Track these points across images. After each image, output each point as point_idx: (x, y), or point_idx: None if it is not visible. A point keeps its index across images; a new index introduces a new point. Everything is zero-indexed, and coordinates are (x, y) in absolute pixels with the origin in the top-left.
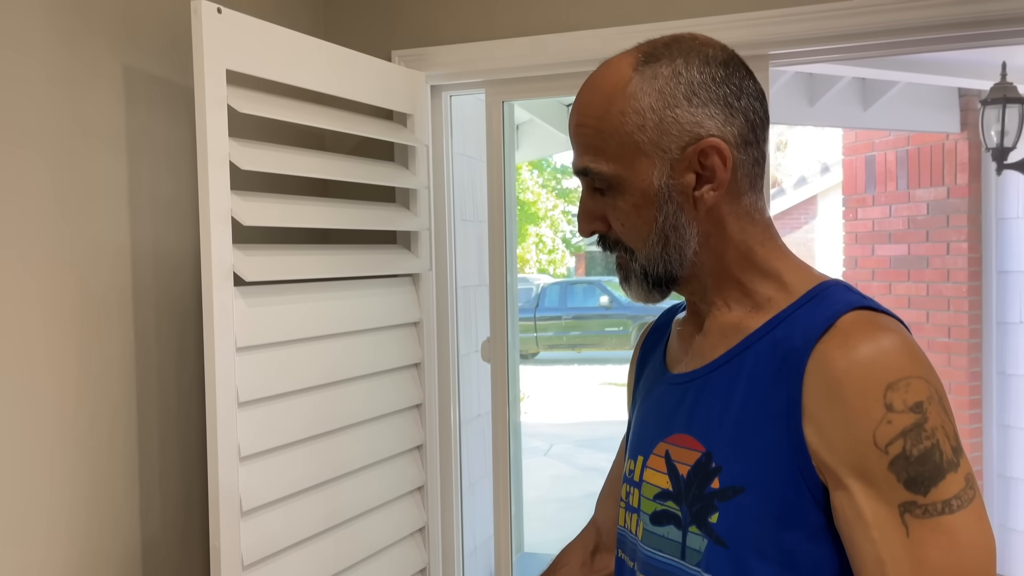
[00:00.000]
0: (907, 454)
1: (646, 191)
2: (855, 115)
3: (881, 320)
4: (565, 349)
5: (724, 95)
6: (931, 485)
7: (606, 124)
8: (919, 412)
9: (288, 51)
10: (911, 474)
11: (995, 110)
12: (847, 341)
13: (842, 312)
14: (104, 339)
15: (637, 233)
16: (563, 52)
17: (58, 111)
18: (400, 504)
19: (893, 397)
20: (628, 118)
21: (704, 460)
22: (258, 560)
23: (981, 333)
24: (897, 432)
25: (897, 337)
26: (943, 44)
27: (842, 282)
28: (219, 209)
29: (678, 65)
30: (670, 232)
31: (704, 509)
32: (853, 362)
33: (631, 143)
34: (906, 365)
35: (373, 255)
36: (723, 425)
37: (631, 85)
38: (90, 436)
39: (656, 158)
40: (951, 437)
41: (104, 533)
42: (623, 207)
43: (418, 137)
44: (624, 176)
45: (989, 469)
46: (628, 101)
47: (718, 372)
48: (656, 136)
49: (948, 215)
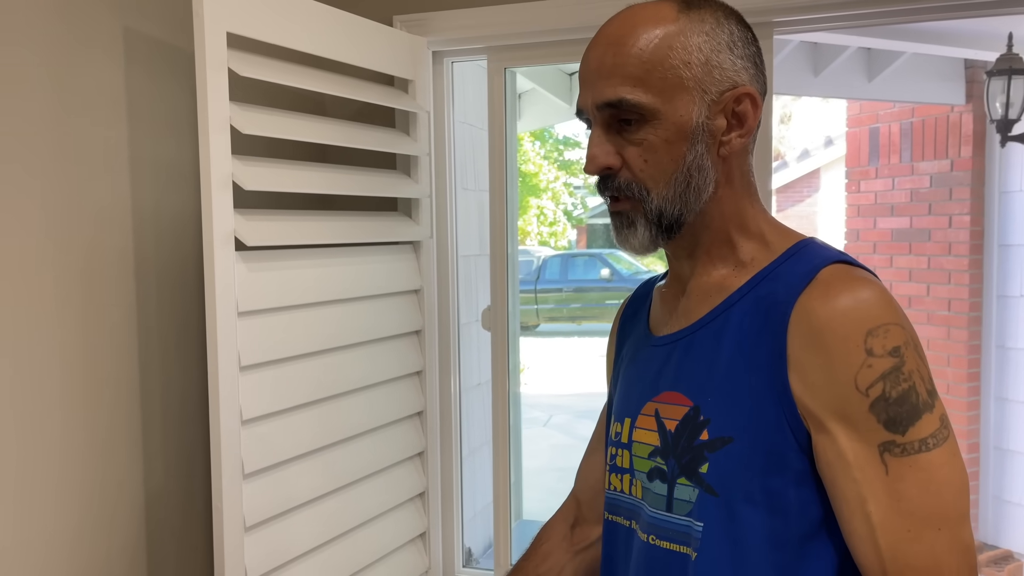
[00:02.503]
0: (887, 396)
1: (682, 126)
2: (860, 86)
3: (858, 272)
4: (566, 321)
5: (753, 53)
6: (909, 425)
7: (651, 55)
8: (897, 356)
9: (289, 15)
10: (890, 415)
11: (1000, 81)
12: (828, 292)
13: (822, 266)
14: (105, 304)
15: (662, 170)
16: (566, 18)
17: (57, 74)
18: (400, 469)
19: (873, 342)
20: (676, 53)
21: (692, 414)
22: (260, 521)
23: (981, 306)
24: (877, 375)
25: (874, 287)
26: (949, 13)
27: (818, 239)
28: (220, 173)
29: (719, 16)
30: (695, 172)
31: (694, 460)
32: (834, 311)
33: (675, 77)
34: (884, 313)
35: (374, 222)
36: (710, 379)
37: (679, 23)
38: (92, 400)
39: (696, 96)
40: (926, 380)
41: (107, 496)
42: (653, 141)
43: (419, 103)
44: (661, 109)
45: (986, 441)
46: (677, 37)
47: (703, 330)
48: (701, 75)
49: (951, 188)
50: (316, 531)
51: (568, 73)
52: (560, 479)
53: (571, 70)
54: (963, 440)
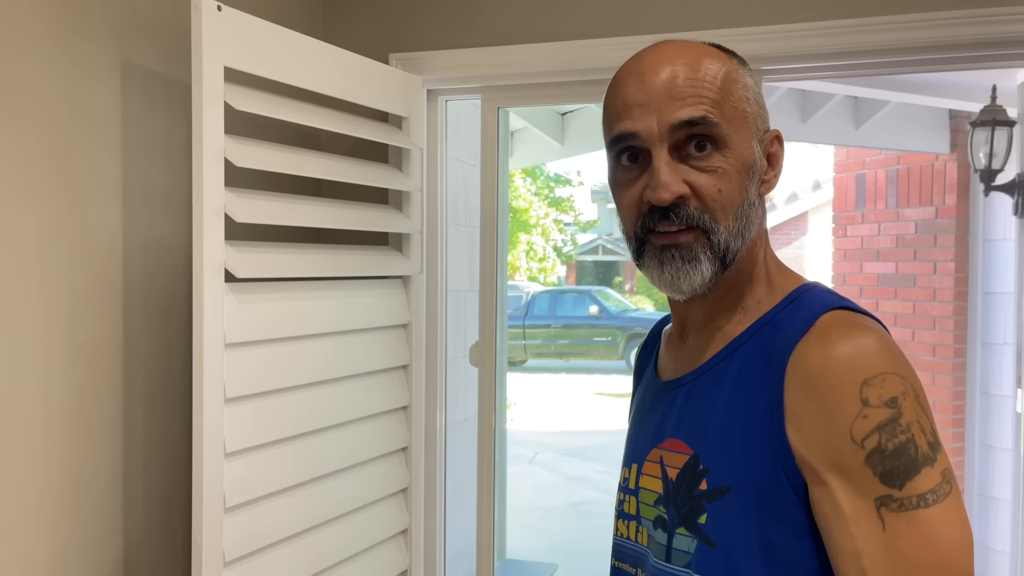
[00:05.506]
0: (882, 448)
1: (746, 160)
2: (846, 133)
3: (858, 319)
4: (553, 357)
5: (764, 103)
6: (906, 479)
7: (722, 84)
8: (894, 407)
9: (286, 51)
10: (886, 468)
11: (984, 132)
12: (824, 340)
13: (821, 312)
14: (93, 331)
15: (731, 202)
16: (559, 61)
17: (55, 103)
18: (384, 505)
19: (868, 392)
20: (739, 87)
21: (692, 463)
22: (240, 557)
23: (966, 353)
24: (872, 426)
25: (874, 335)
26: (934, 65)
27: (821, 284)
28: (213, 205)
29: (746, 67)
30: (751, 208)
31: (693, 511)
32: (830, 359)
33: (741, 110)
34: (881, 361)
35: (364, 256)
36: (710, 428)
37: (732, 63)
38: (76, 427)
39: (753, 132)
40: (927, 432)
41: (87, 525)
42: (727, 169)
43: (413, 140)
44: (733, 138)
45: (971, 489)
46: (737, 71)
47: (705, 376)
48: (756, 111)
49: (936, 235)
50: (297, 568)
51: (560, 113)
52: (544, 518)
53: (563, 110)
54: None
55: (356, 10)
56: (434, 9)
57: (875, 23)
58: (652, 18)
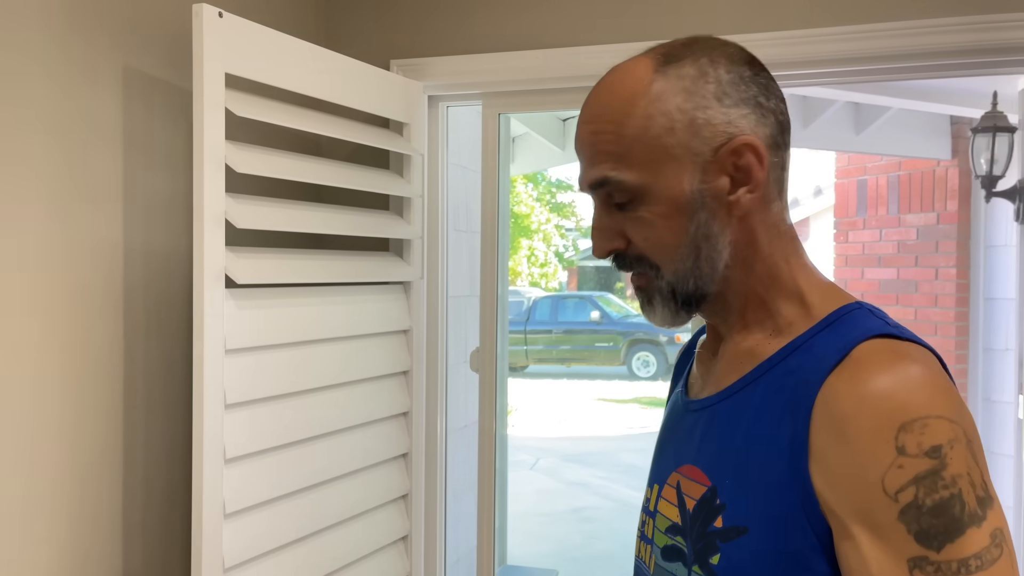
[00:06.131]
0: (919, 503)
1: (676, 199)
2: (848, 139)
3: (902, 349)
4: (555, 363)
5: (753, 94)
6: (946, 540)
7: (629, 129)
8: (936, 457)
9: (287, 57)
10: (923, 526)
11: (985, 138)
12: (858, 374)
13: (859, 340)
14: (93, 336)
15: (664, 247)
16: (561, 67)
17: (57, 109)
18: (384, 511)
19: (906, 439)
20: (654, 121)
21: (709, 495)
22: (240, 563)
23: (968, 359)
24: (909, 478)
25: (918, 369)
26: (935, 72)
27: (867, 305)
28: (213, 211)
29: (703, 64)
30: (702, 242)
31: (706, 548)
32: (863, 398)
33: (659, 147)
34: (924, 402)
35: (365, 262)
36: (729, 459)
37: (655, 86)
38: (75, 433)
39: (687, 162)
40: (977, 486)
41: (85, 531)
42: (648, 218)
43: (414, 146)
44: (650, 184)
45: None
46: (653, 103)
47: (729, 401)
48: (687, 138)
49: (937, 241)
50: (297, 573)
51: (562, 119)
52: (545, 524)
53: (564, 116)
54: None
55: (357, 16)
56: (435, 15)
57: (876, 29)
58: (653, 24)
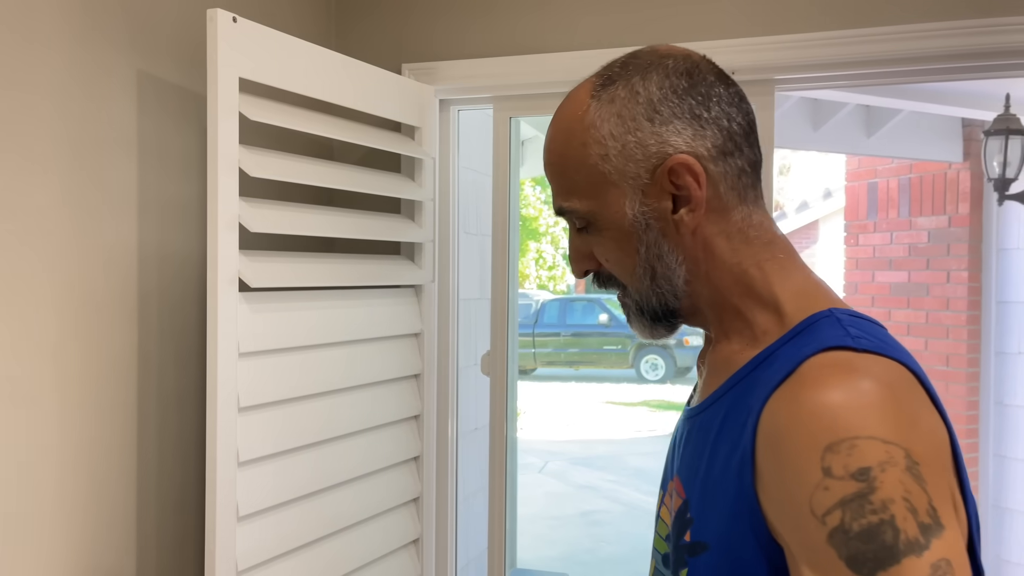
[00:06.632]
0: (846, 528)
1: (621, 223)
2: (859, 141)
3: (852, 363)
4: (563, 366)
5: (690, 107)
6: (878, 568)
7: (570, 160)
8: (864, 480)
9: (300, 61)
10: (852, 551)
11: (998, 141)
12: (797, 390)
13: (810, 354)
14: (107, 340)
15: (623, 267)
16: (571, 70)
17: (72, 114)
18: (396, 515)
19: (832, 460)
20: (590, 149)
21: (683, 509)
22: (253, 566)
23: (979, 363)
24: (835, 501)
25: (864, 385)
26: (947, 75)
27: (838, 312)
28: (227, 215)
29: (635, 84)
30: (655, 262)
31: (679, 561)
32: (795, 416)
33: (597, 175)
34: (857, 422)
35: (377, 265)
36: (698, 474)
37: (588, 114)
38: (89, 435)
39: (626, 187)
40: (920, 513)
41: (99, 533)
42: (603, 242)
43: (425, 150)
44: (598, 210)
45: (985, 499)
46: (587, 131)
47: (706, 413)
48: (621, 163)
49: (949, 244)
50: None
51: None
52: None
53: None
54: None
55: (369, 21)
56: (446, 19)
57: (887, 33)
58: (665, 28)
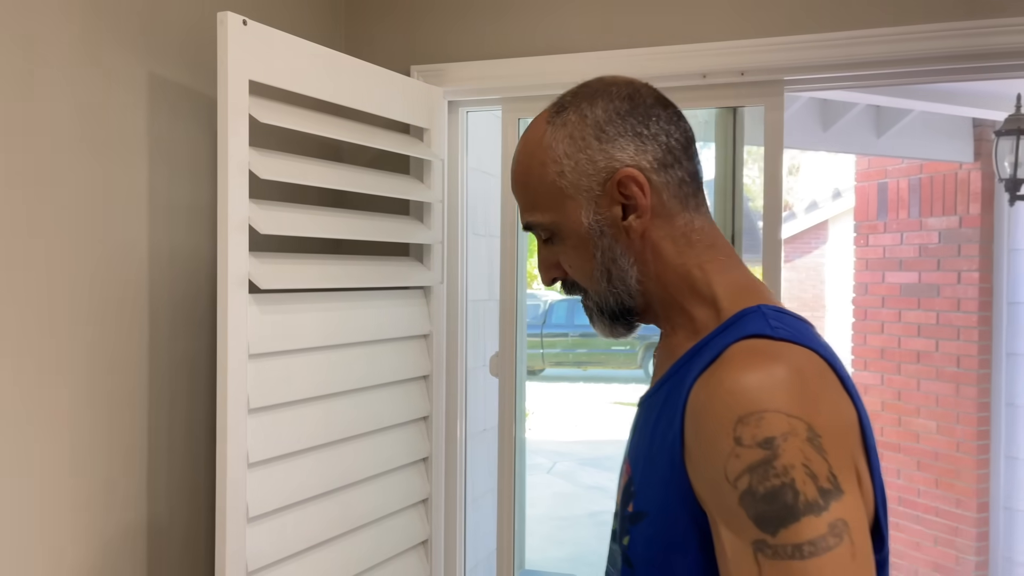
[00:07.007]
0: (753, 490)
1: (578, 231)
2: (868, 142)
3: (768, 349)
4: (571, 367)
5: (632, 126)
6: (780, 526)
7: (532, 179)
8: (768, 448)
9: (310, 64)
10: (759, 511)
11: (1009, 141)
12: (717, 372)
13: (733, 341)
14: (118, 341)
15: (583, 272)
16: (579, 72)
17: (84, 116)
18: (405, 516)
19: (742, 431)
20: (548, 168)
21: (628, 483)
22: (262, 567)
23: (991, 363)
24: (744, 467)
25: (775, 368)
26: (958, 75)
27: (765, 308)
28: (237, 217)
29: (583, 109)
30: (610, 265)
31: (622, 531)
32: (713, 393)
33: (556, 190)
34: (765, 398)
35: (386, 267)
36: (642, 451)
37: (545, 137)
38: (99, 435)
39: (581, 199)
40: (820, 478)
41: (109, 532)
42: (565, 250)
43: (434, 151)
44: (558, 222)
45: (996, 501)
46: (545, 152)
47: (652, 398)
48: (575, 178)
49: (959, 244)
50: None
51: None
52: (562, 527)
53: None
54: (972, 499)
55: (378, 23)
56: (455, 21)
57: (897, 33)
58: (673, 29)
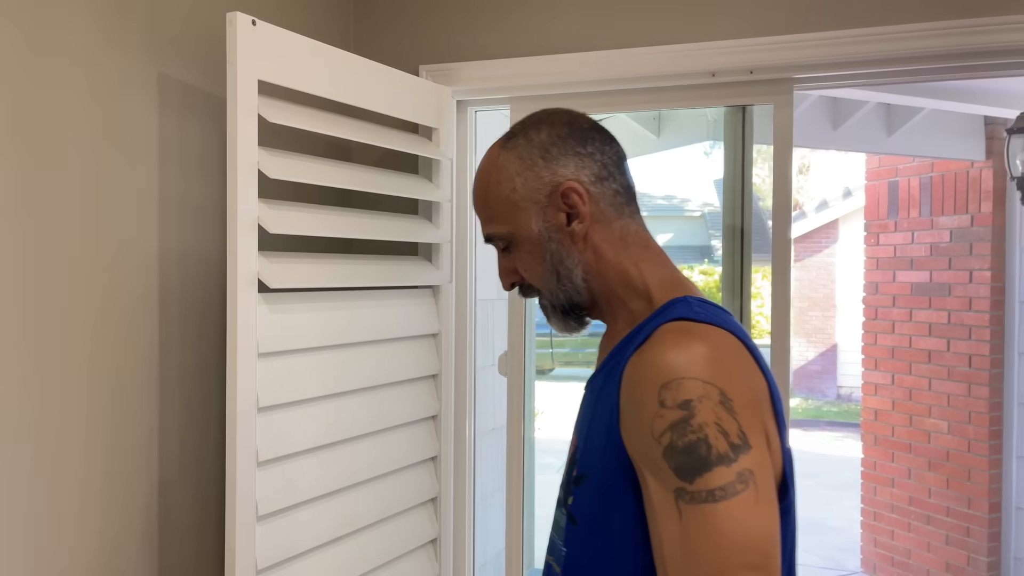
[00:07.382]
0: (674, 444)
1: (531, 238)
2: (879, 140)
3: (691, 330)
4: (581, 366)
5: (571, 146)
6: (696, 475)
7: (490, 195)
8: (686, 409)
9: (319, 63)
10: (679, 463)
11: (1021, 139)
12: (647, 348)
13: (661, 324)
14: (128, 340)
15: (537, 274)
16: (588, 71)
17: (93, 116)
18: (413, 515)
19: (665, 395)
20: (503, 185)
21: (573, 453)
22: (272, 565)
23: (1003, 363)
24: (666, 425)
25: (695, 345)
26: (969, 72)
27: (692, 298)
28: (246, 216)
29: (530, 134)
30: (559, 266)
31: (567, 493)
32: (642, 365)
33: (510, 204)
34: (684, 367)
35: (395, 266)
36: (585, 424)
37: (500, 159)
38: (111, 434)
39: (531, 210)
40: (731, 435)
41: (120, 532)
42: (521, 255)
43: (443, 151)
44: (514, 231)
45: (1008, 501)
46: (500, 172)
47: (595, 379)
48: (526, 192)
49: (971, 243)
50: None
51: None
52: None
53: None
54: (984, 499)
55: (386, 23)
56: (463, 21)
57: (907, 30)
58: (682, 28)
